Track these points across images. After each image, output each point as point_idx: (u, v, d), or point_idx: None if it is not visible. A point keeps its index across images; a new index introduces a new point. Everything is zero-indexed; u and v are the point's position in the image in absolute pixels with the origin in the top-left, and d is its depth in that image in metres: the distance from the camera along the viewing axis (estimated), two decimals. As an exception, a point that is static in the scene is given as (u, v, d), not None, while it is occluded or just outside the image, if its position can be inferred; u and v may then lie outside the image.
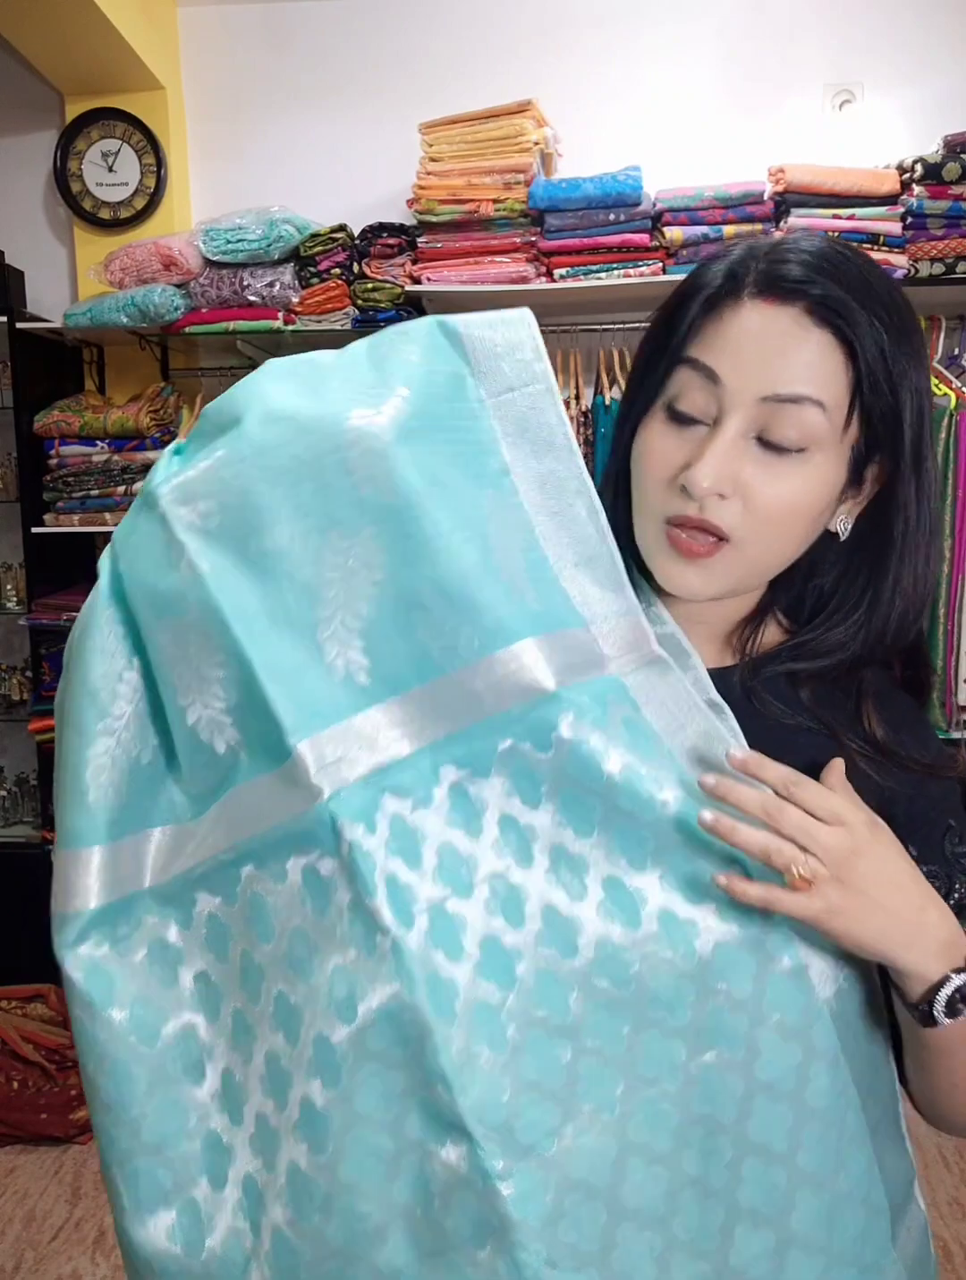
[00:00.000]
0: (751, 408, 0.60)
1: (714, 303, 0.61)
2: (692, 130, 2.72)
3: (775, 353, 0.59)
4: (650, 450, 0.63)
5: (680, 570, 0.63)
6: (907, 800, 0.65)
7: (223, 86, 2.86)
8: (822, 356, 0.60)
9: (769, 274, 0.60)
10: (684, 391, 0.62)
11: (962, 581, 2.43)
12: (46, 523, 2.69)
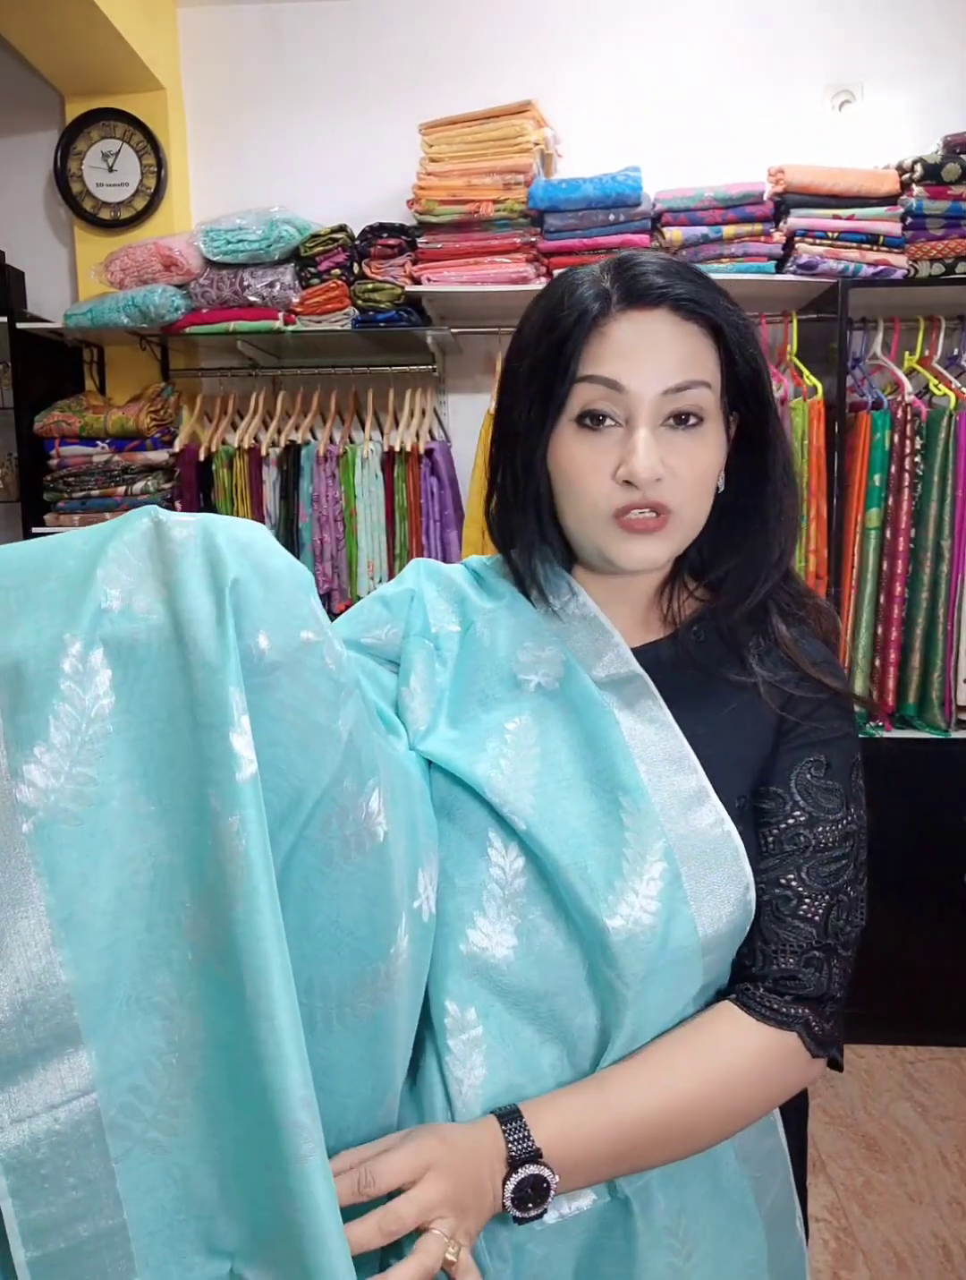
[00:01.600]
0: (654, 402, 0.69)
1: (591, 322, 0.68)
2: (692, 130, 2.72)
3: (660, 352, 0.69)
4: (575, 460, 0.71)
5: (638, 546, 0.72)
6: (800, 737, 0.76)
7: (223, 86, 2.86)
8: (697, 344, 0.70)
9: (630, 286, 0.69)
10: (588, 403, 0.70)
11: (962, 581, 2.43)
12: (47, 523, 2.69)
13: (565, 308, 0.70)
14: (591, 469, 0.71)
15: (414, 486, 2.56)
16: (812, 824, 0.74)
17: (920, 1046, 2.56)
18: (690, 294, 0.69)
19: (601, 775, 0.72)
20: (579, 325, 0.69)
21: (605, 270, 0.71)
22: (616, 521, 0.71)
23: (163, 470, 2.66)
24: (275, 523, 2.61)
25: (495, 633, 0.78)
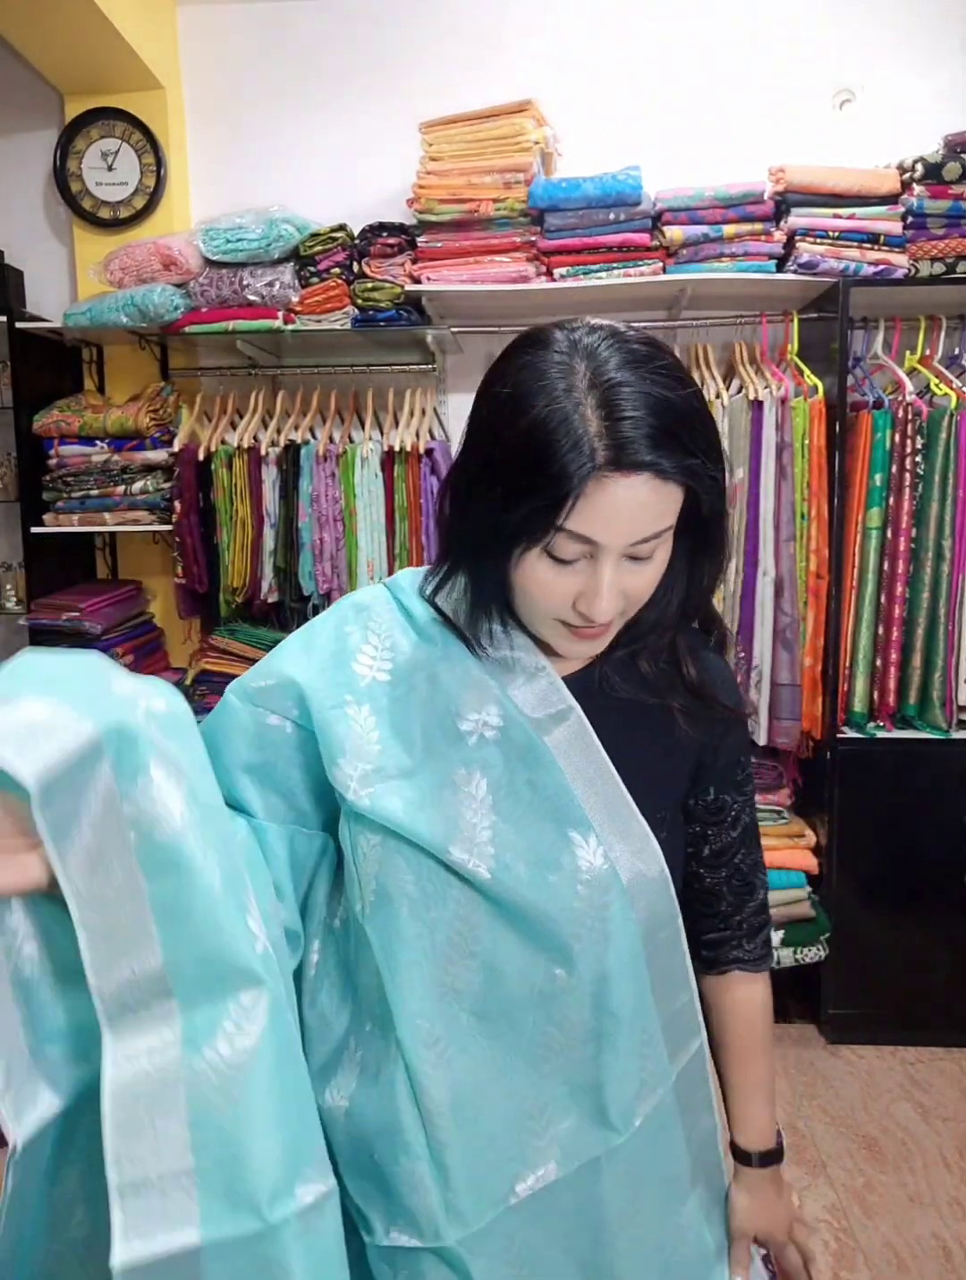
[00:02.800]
0: (622, 550, 0.72)
1: (578, 485, 0.67)
2: (692, 130, 2.72)
3: (636, 513, 0.69)
4: (541, 584, 0.74)
5: (579, 646, 0.78)
6: (714, 749, 0.88)
7: (223, 86, 2.86)
8: (669, 501, 0.71)
9: (620, 450, 0.67)
10: (561, 548, 0.71)
11: (962, 581, 2.43)
12: (46, 523, 2.68)
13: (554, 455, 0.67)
14: (553, 593, 0.74)
15: (414, 486, 2.56)
16: (745, 814, 0.92)
17: (920, 1046, 2.55)
18: (675, 464, 0.69)
19: (550, 813, 0.78)
20: (566, 488, 0.67)
21: (589, 389, 0.68)
22: (567, 629, 0.76)
23: (162, 470, 2.66)
24: (275, 522, 2.61)
25: (434, 686, 0.80)
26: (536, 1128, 0.79)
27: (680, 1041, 0.86)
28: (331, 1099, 0.81)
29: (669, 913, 0.83)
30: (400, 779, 0.77)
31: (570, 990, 0.79)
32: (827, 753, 2.49)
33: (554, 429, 0.67)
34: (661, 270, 2.45)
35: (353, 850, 0.79)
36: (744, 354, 2.58)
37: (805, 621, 2.49)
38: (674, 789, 0.87)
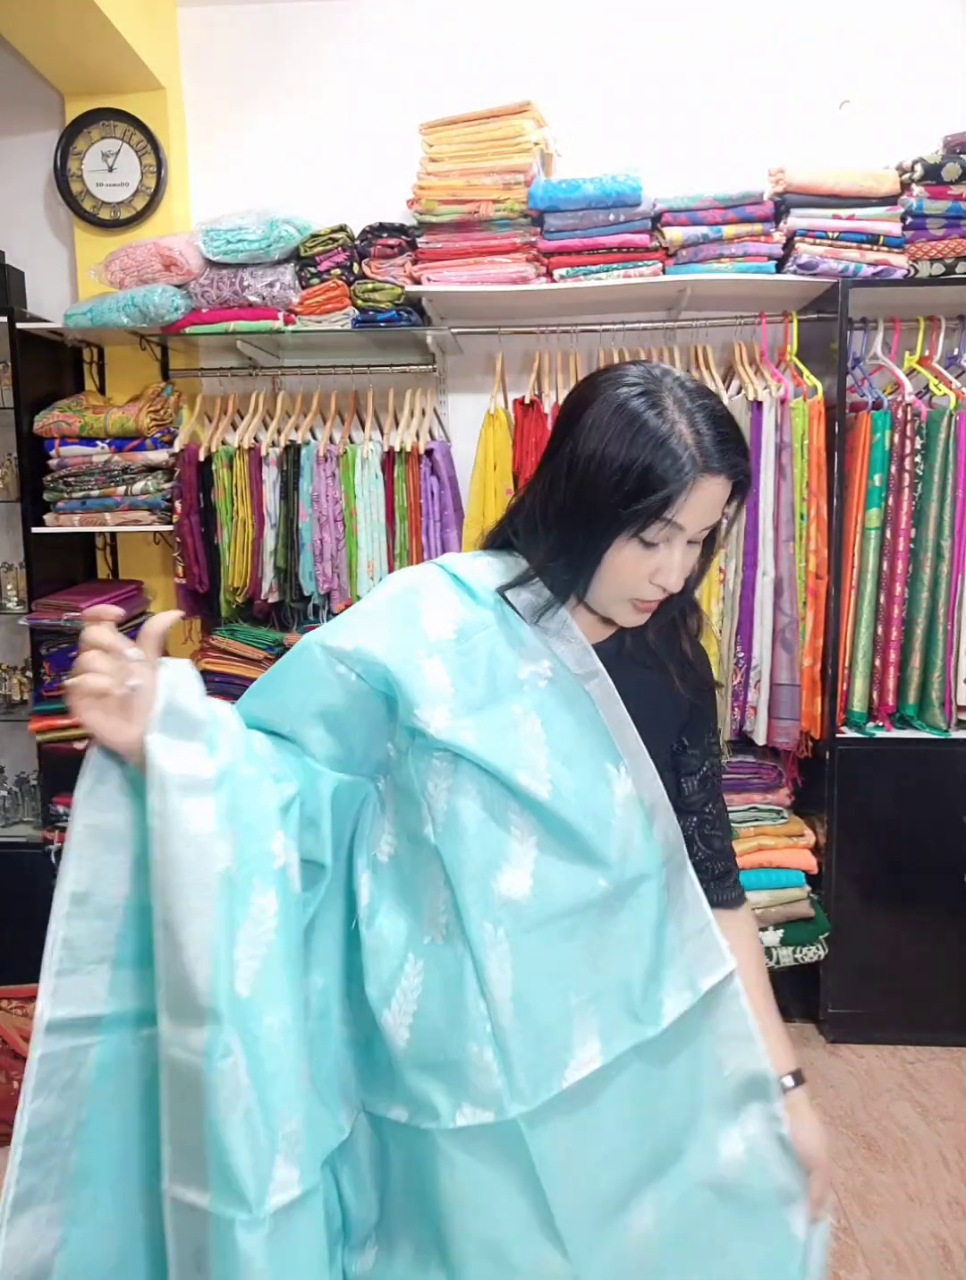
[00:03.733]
0: (693, 534, 0.91)
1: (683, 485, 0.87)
2: (692, 130, 2.72)
3: (711, 507, 0.90)
4: (628, 564, 0.92)
5: (638, 617, 0.97)
6: (697, 708, 1.07)
7: (223, 86, 2.86)
8: (726, 495, 0.92)
9: (709, 459, 0.88)
10: (656, 534, 0.90)
11: (962, 581, 2.43)
12: (47, 523, 2.69)
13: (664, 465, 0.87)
14: (635, 573, 0.92)
15: (414, 486, 2.56)
16: (712, 774, 1.10)
17: (920, 1046, 2.56)
18: (744, 470, 0.91)
19: (590, 749, 0.95)
20: (676, 487, 0.87)
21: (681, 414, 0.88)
22: (632, 603, 0.95)
23: (163, 470, 2.66)
24: (275, 522, 2.61)
25: (493, 644, 0.94)
26: (582, 1020, 0.91)
27: (704, 962, 0.98)
28: (391, 1019, 0.91)
29: (677, 840, 0.99)
30: (471, 718, 0.90)
31: (608, 898, 0.93)
32: (827, 752, 2.49)
33: (663, 444, 0.87)
34: (661, 271, 2.45)
35: (422, 783, 0.92)
36: (743, 354, 2.59)
37: (804, 621, 2.49)
38: (669, 738, 1.07)
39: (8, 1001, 2.56)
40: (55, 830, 2.72)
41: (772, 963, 2.47)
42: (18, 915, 2.77)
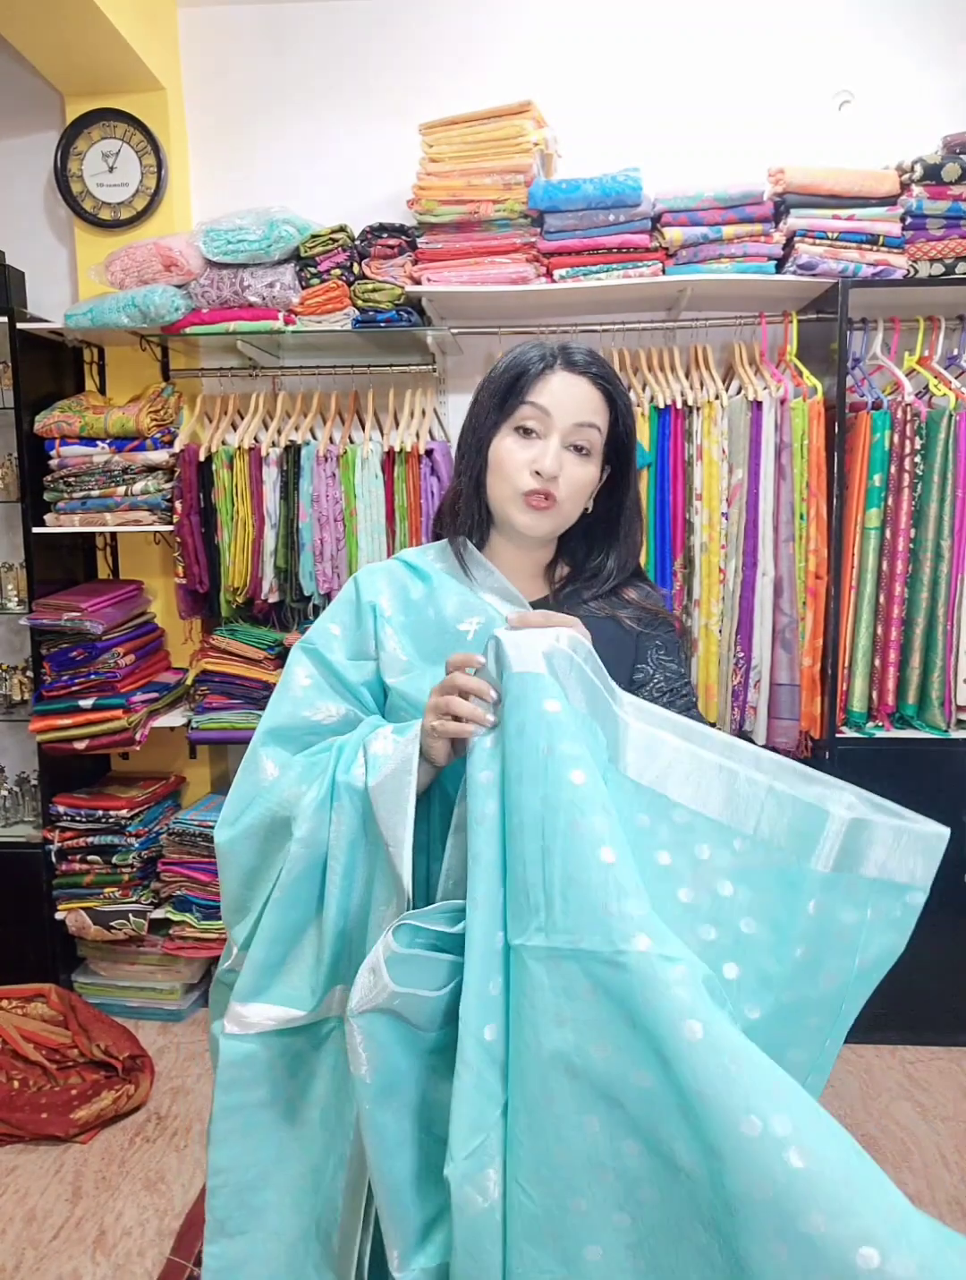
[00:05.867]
0: (566, 429, 1.11)
1: (539, 372, 1.11)
2: (692, 130, 2.72)
3: (578, 400, 1.11)
4: (511, 453, 1.12)
5: (533, 518, 1.13)
6: (649, 636, 1.20)
7: (223, 86, 2.87)
8: (600, 403, 1.12)
9: (568, 358, 1.12)
10: (525, 419, 1.11)
11: (962, 581, 2.43)
12: (47, 523, 2.69)
13: (523, 360, 1.12)
14: (518, 461, 1.11)
15: (414, 486, 2.56)
16: (679, 695, 1.20)
17: (920, 1046, 2.56)
18: (602, 374, 1.12)
19: None
20: (530, 370, 1.11)
21: (555, 346, 1.13)
22: (523, 499, 1.11)
23: (163, 470, 2.66)
24: (275, 523, 2.62)
25: (438, 611, 1.14)
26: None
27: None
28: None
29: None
30: (419, 672, 1.10)
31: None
32: (826, 753, 2.49)
33: (527, 352, 1.12)
34: (661, 271, 2.46)
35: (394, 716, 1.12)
36: (743, 354, 2.59)
37: (804, 621, 2.49)
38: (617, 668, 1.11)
39: (8, 1001, 2.56)
40: (55, 830, 2.72)
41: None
42: (18, 915, 2.78)
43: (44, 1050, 2.40)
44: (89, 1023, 2.49)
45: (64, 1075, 2.35)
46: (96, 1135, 2.27)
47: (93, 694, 2.63)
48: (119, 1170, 2.15)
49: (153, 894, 2.75)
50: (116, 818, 2.70)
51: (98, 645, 2.63)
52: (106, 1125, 2.30)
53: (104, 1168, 2.16)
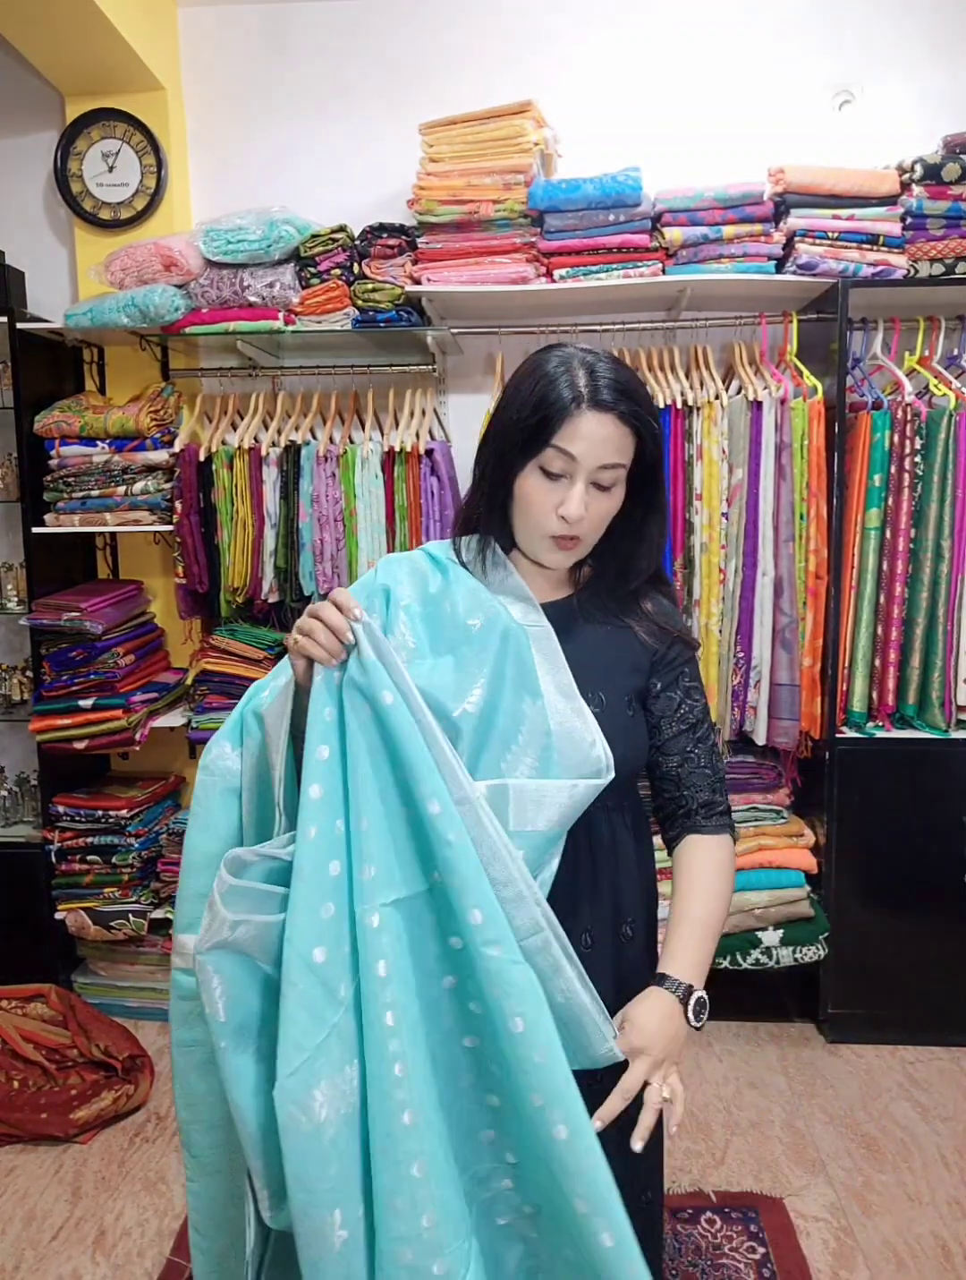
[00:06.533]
0: (592, 470, 1.08)
1: (567, 412, 1.06)
2: (692, 130, 2.72)
3: (604, 441, 1.07)
4: (535, 494, 1.10)
5: (558, 556, 1.14)
6: (663, 654, 1.20)
7: (223, 86, 2.86)
8: (625, 440, 1.09)
9: (595, 396, 1.06)
10: (551, 462, 1.08)
11: (962, 581, 2.43)
12: (47, 523, 2.69)
13: (551, 400, 1.07)
14: (543, 504, 1.10)
15: (414, 486, 2.56)
16: (693, 714, 1.20)
17: (920, 1046, 2.56)
18: (630, 410, 1.07)
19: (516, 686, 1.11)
20: (558, 412, 1.06)
21: (581, 366, 1.08)
22: (549, 540, 1.12)
23: (163, 470, 2.66)
24: (275, 523, 2.61)
25: (453, 605, 1.15)
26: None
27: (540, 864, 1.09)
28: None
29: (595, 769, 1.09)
30: (427, 662, 1.11)
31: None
32: (826, 753, 2.49)
33: (555, 381, 1.08)
34: (661, 271, 2.46)
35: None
36: (743, 354, 2.59)
37: (804, 621, 2.49)
38: (619, 681, 1.17)
39: (8, 1001, 2.56)
40: (55, 830, 2.72)
41: (772, 963, 2.47)
42: (18, 915, 2.78)
43: (44, 1050, 2.40)
44: (88, 1023, 2.48)
45: (63, 1075, 2.35)
46: (96, 1135, 2.27)
47: (92, 694, 2.63)
48: (119, 1170, 2.15)
49: (153, 894, 2.75)
50: (116, 818, 2.70)
51: (97, 645, 2.63)
52: (106, 1125, 2.30)
53: (104, 1168, 2.16)
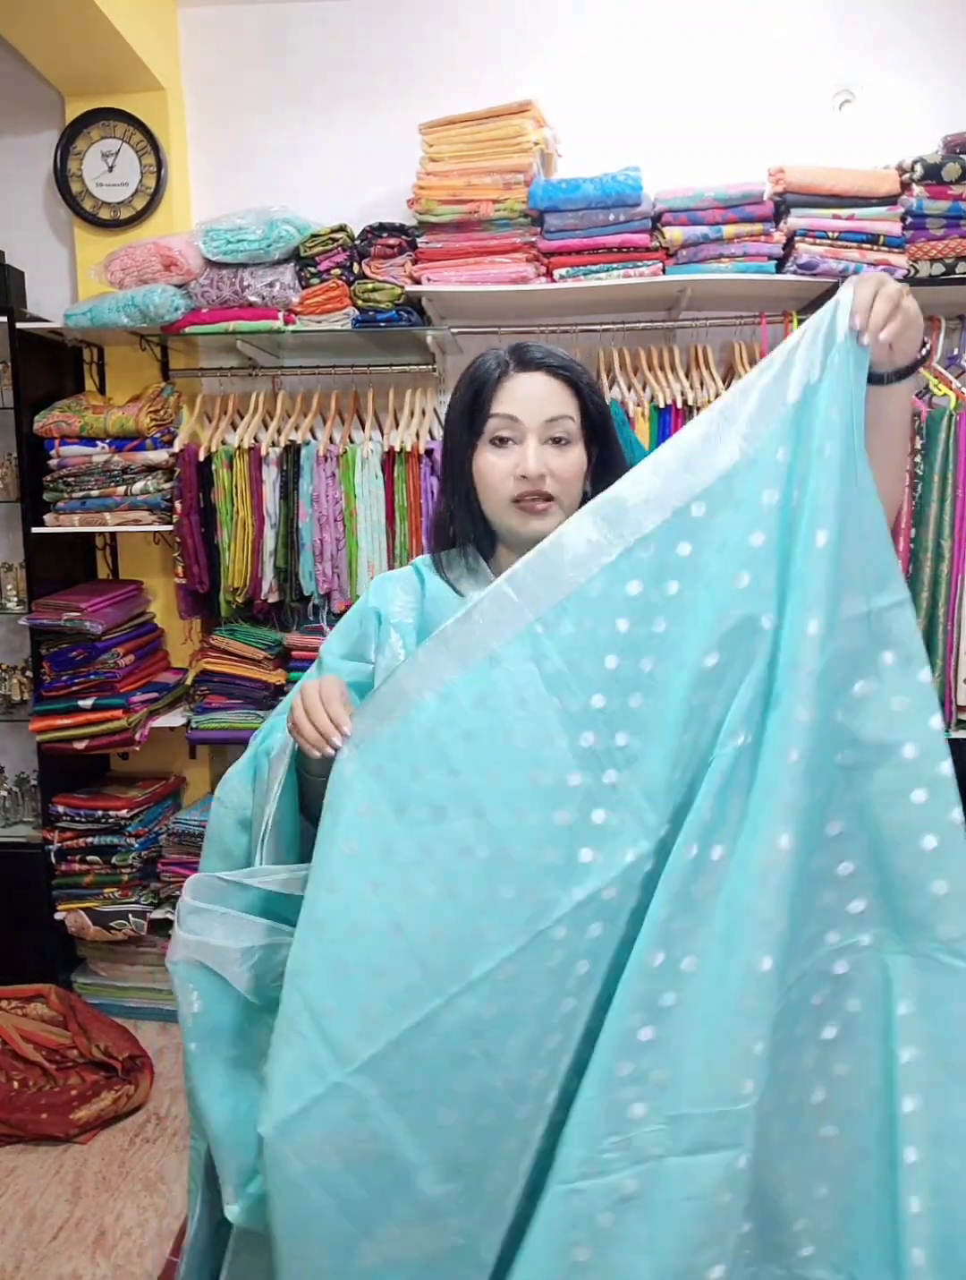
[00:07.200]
0: (539, 427, 1.12)
1: (497, 380, 1.13)
2: (692, 130, 2.72)
3: (540, 397, 1.12)
4: (492, 466, 1.14)
5: (532, 521, 1.14)
6: None
7: (223, 86, 2.86)
8: (563, 393, 1.14)
9: (521, 358, 1.14)
10: (496, 431, 1.13)
11: (962, 582, 2.43)
12: (47, 523, 2.69)
13: (481, 374, 1.14)
14: (499, 470, 1.13)
15: (414, 486, 2.56)
16: None
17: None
18: (558, 363, 1.13)
19: None
20: (488, 382, 1.13)
21: (506, 351, 1.15)
22: (516, 506, 1.14)
23: (162, 470, 2.66)
24: (275, 523, 2.61)
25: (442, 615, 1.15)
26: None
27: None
28: None
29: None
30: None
31: None
32: (827, 753, 2.49)
33: (483, 361, 1.15)
34: (661, 271, 2.45)
35: None
36: (743, 354, 2.59)
37: (804, 621, 2.49)
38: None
39: (8, 1002, 2.56)
40: (55, 830, 2.72)
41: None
42: (18, 915, 2.78)
43: (44, 1050, 2.40)
44: (88, 1023, 2.48)
45: (63, 1076, 2.35)
46: (96, 1136, 2.27)
47: (92, 694, 2.63)
48: (119, 1171, 2.15)
49: (153, 894, 2.75)
50: (116, 818, 2.70)
51: (97, 645, 2.63)
52: (106, 1126, 2.30)
53: (104, 1168, 2.16)
